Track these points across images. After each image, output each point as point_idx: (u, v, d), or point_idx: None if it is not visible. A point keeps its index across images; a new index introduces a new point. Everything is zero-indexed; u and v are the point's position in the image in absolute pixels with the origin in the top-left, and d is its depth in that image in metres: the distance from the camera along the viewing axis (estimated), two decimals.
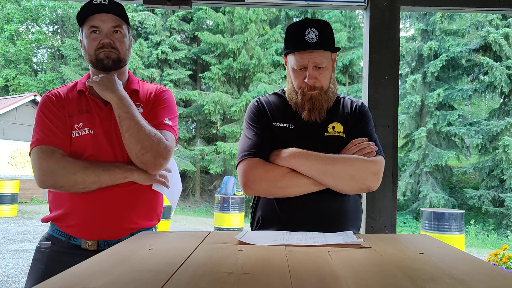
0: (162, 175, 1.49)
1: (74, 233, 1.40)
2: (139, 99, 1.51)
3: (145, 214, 1.49)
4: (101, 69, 1.44)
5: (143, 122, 1.39)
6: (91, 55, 1.44)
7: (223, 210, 8.00)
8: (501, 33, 13.00)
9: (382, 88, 2.10)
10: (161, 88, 1.58)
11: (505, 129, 12.84)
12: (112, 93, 1.38)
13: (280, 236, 1.20)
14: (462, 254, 1.02)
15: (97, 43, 1.42)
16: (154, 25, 16.69)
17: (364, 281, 0.78)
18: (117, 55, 1.44)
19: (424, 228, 5.81)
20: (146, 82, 1.60)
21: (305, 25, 1.37)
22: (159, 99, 1.53)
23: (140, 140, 1.35)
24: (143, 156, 1.36)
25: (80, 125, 1.41)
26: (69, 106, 1.44)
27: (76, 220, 1.39)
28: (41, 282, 0.73)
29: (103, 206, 1.39)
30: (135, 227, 1.45)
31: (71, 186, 1.34)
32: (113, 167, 1.38)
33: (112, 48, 1.43)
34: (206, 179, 17.63)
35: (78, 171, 1.33)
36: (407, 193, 13.96)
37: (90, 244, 1.39)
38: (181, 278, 0.78)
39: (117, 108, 1.37)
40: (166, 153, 1.40)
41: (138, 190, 1.44)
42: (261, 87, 15.15)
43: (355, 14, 17.66)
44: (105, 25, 1.42)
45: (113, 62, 1.44)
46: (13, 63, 19.01)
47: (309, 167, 1.33)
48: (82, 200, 1.38)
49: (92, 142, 1.40)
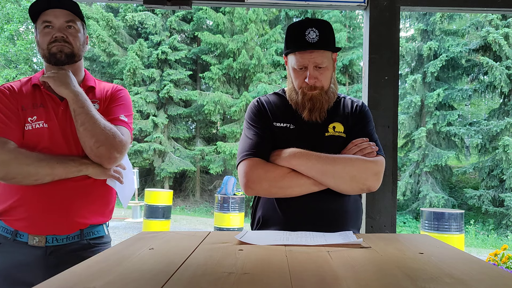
0: (116, 171, 1.48)
1: (21, 227, 1.38)
2: (95, 96, 1.51)
3: (97, 210, 1.49)
4: (54, 63, 1.44)
5: (98, 116, 1.40)
6: (44, 50, 1.44)
7: (223, 210, 8.00)
8: (501, 33, 12.99)
9: (382, 88, 2.10)
10: (118, 87, 1.60)
11: (505, 129, 12.83)
12: (67, 89, 1.39)
13: (280, 236, 1.20)
14: (462, 254, 1.02)
15: (50, 37, 1.42)
16: (154, 25, 16.67)
17: (364, 281, 0.78)
18: (71, 50, 1.45)
19: (424, 228, 5.80)
20: (102, 81, 1.62)
21: (306, 25, 1.37)
22: (115, 97, 1.55)
23: (95, 133, 1.36)
24: (97, 149, 1.37)
25: (34, 118, 1.40)
26: (22, 100, 1.43)
27: (24, 214, 1.37)
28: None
29: (55, 199, 1.38)
30: (86, 223, 1.44)
31: (23, 177, 1.32)
32: (68, 160, 1.38)
33: (65, 42, 1.43)
34: (206, 179, 17.62)
35: (31, 163, 1.32)
36: (407, 193, 13.95)
37: (38, 240, 1.38)
38: (181, 278, 0.78)
39: (73, 103, 1.38)
40: (121, 147, 1.41)
41: (91, 185, 1.44)
42: (261, 87, 15.14)
43: (355, 14, 17.65)
44: (58, 20, 1.43)
45: (66, 56, 1.44)
46: (13, 63, 19.00)
47: (309, 167, 1.33)
48: (32, 193, 1.37)
49: (46, 136, 1.40)
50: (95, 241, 1.48)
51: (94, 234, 1.48)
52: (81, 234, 1.43)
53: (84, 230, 1.44)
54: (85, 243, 1.44)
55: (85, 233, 1.44)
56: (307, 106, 1.41)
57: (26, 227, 1.37)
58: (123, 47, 17.20)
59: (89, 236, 1.46)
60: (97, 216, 1.48)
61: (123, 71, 16.34)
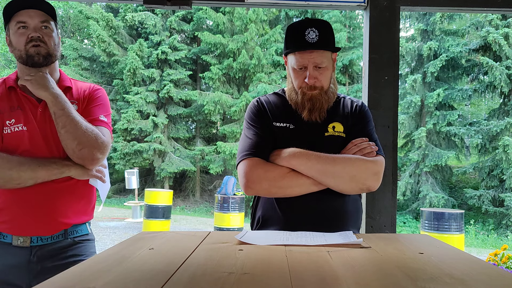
0: (98, 170, 1.50)
1: (4, 229, 1.39)
2: (73, 97, 1.51)
3: (80, 210, 1.50)
4: (31, 65, 1.43)
5: (79, 118, 1.40)
6: (20, 51, 1.42)
7: (223, 210, 8.00)
8: (500, 33, 12.98)
9: (382, 88, 2.10)
10: (95, 87, 1.59)
11: (505, 129, 12.83)
12: (46, 91, 1.38)
13: (280, 236, 1.20)
14: (462, 254, 1.02)
15: (26, 37, 1.41)
16: (154, 25, 16.67)
17: (364, 281, 0.78)
18: (47, 50, 1.43)
19: (424, 228, 5.80)
20: (78, 81, 1.61)
21: (306, 25, 1.37)
22: (93, 97, 1.54)
23: (77, 136, 1.36)
24: (80, 151, 1.37)
25: (12, 122, 1.40)
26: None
27: (8, 216, 1.38)
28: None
29: (38, 201, 1.38)
30: (69, 223, 1.46)
31: (6, 182, 1.33)
32: (49, 162, 1.38)
33: (41, 41, 1.42)
34: (206, 179, 17.62)
35: (13, 167, 1.32)
36: (407, 193, 13.95)
37: (22, 241, 1.38)
38: (181, 278, 0.78)
39: (52, 105, 1.38)
40: (103, 148, 1.43)
41: (74, 185, 1.45)
42: (261, 87, 15.14)
43: (355, 14, 17.65)
44: (33, 20, 1.41)
45: (43, 58, 1.43)
46: (13, 63, 18.98)
47: (309, 167, 1.33)
48: (15, 196, 1.37)
49: (26, 138, 1.39)
50: (80, 238, 1.50)
51: (78, 232, 1.50)
52: (65, 233, 1.45)
53: (68, 229, 1.46)
54: (70, 241, 1.46)
55: (69, 232, 1.46)
56: (307, 106, 1.41)
57: (10, 228, 1.39)
58: (123, 47, 17.20)
59: (73, 235, 1.48)
60: (80, 215, 1.50)
61: (123, 71, 16.34)
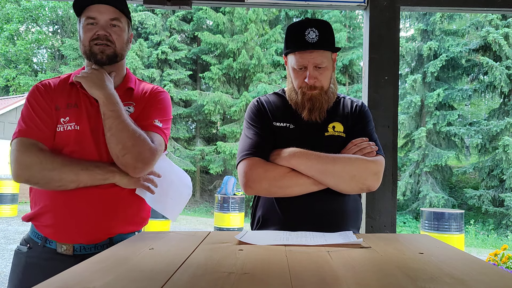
0: (148, 179, 1.37)
1: (49, 234, 1.33)
2: (132, 98, 1.43)
3: (126, 219, 1.40)
4: (94, 63, 1.38)
5: (128, 121, 1.30)
6: (85, 46, 1.36)
7: (223, 210, 8.00)
8: (500, 33, 12.99)
9: (382, 88, 2.10)
10: (157, 89, 1.50)
11: (505, 129, 12.83)
12: (99, 90, 1.31)
13: (280, 236, 1.20)
14: (462, 254, 1.02)
15: (92, 34, 1.35)
16: (154, 25, 16.68)
17: (364, 281, 0.78)
18: (113, 50, 1.37)
19: (424, 228, 5.80)
20: (144, 82, 1.53)
21: (306, 25, 1.37)
22: (153, 99, 1.45)
23: (121, 139, 1.27)
24: (123, 157, 1.27)
25: (67, 119, 1.33)
26: (58, 99, 1.36)
27: (52, 220, 1.32)
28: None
29: (81, 207, 1.31)
30: (114, 232, 1.36)
31: (46, 182, 1.26)
32: (93, 166, 1.29)
33: (108, 41, 1.35)
34: (206, 179, 17.62)
35: (55, 168, 1.25)
36: (407, 193, 13.95)
37: (65, 249, 1.31)
38: (181, 278, 0.78)
39: (103, 105, 1.30)
40: (150, 156, 1.30)
41: (120, 193, 1.35)
42: (261, 87, 15.14)
43: (355, 14, 17.65)
44: (102, 17, 1.35)
45: (107, 58, 1.37)
46: (13, 63, 18.99)
47: (309, 166, 1.33)
48: (59, 199, 1.30)
49: (76, 138, 1.32)
50: None
51: None
52: (110, 244, 1.35)
53: (114, 238, 1.36)
54: None
55: (114, 242, 1.35)
56: (307, 106, 1.42)
57: (54, 234, 1.32)
58: None
59: None
60: (126, 225, 1.40)
61: None
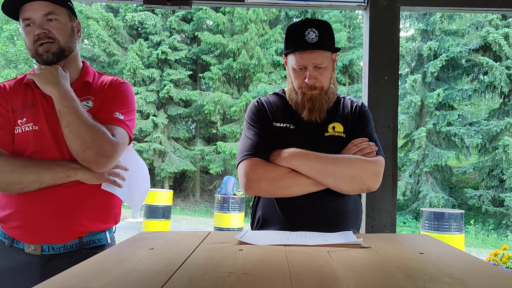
0: (113, 173, 1.34)
1: (17, 236, 1.31)
2: (90, 92, 1.39)
3: (97, 216, 1.38)
4: (42, 63, 1.33)
5: (86, 116, 1.27)
6: (31, 50, 1.32)
7: (223, 210, 8.00)
8: (501, 33, 12.98)
9: (382, 88, 2.10)
10: (117, 80, 1.44)
11: (505, 129, 12.82)
12: (52, 87, 1.27)
13: (280, 236, 1.20)
14: (462, 254, 1.02)
15: (33, 36, 1.30)
16: (154, 25, 16.67)
17: (364, 281, 0.78)
18: (58, 46, 1.32)
19: (424, 228, 5.80)
20: (105, 75, 1.48)
21: (305, 25, 1.37)
22: (113, 91, 1.40)
23: (80, 135, 1.24)
24: (84, 153, 1.24)
25: (24, 121, 1.31)
26: (14, 100, 1.34)
27: (19, 222, 1.30)
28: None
29: (47, 207, 1.29)
30: (84, 230, 1.34)
31: (8, 186, 1.25)
32: (55, 165, 1.26)
33: (49, 38, 1.30)
34: (206, 179, 17.62)
35: (14, 170, 1.23)
36: (407, 193, 13.95)
37: (33, 249, 1.30)
38: (181, 278, 0.78)
39: (58, 102, 1.27)
40: (112, 150, 1.27)
41: (86, 190, 1.32)
42: (261, 87, 15.14)
43: (355, 14, 17.64)
44: (37, 14, 1.29)
45: (54, 55, 1.32)
46: (13, 63, 18.98)
47: (309, 167, 1.33)
48: (25, 201, 1.29)
49: (35, 139, 1.30)
50: (96, 250, 1.35)
51: (96, 242, 1.38)
52: (80, 243, 1.34)
53: (84, 238, 1.35)
54: (84, 253, 1.33)
55: (84, 241, 1.35)
56: (307, 106, 1.42)
57: (21, 235, 1.31)
58: (123, 47, 17.19)
59: (89, 245, 1.36)
60: (97, 223, 1.38)
61: (123, 71, 16.33)
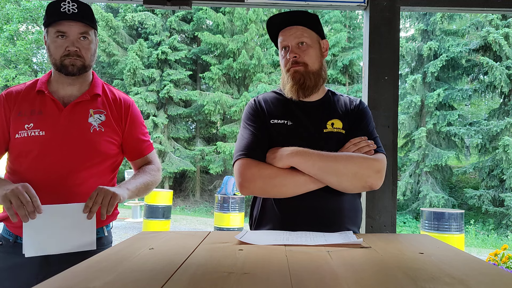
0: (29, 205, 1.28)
1: (20, 233, 1.38)
2: (101, 105, 1.52)
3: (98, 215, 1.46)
4: (65, 74, 1.45)
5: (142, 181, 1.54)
6: (56, 60, 1.44)
7: (223, 210, 8.00)
8: (501, 33, 12.98)
9: (382, 88, 2.09)
10: (130, 100, 1.62)
11: (505, 129, 12.82)
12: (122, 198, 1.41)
13: (280, 236, 1.20)
14: (462, 254, 1.02)
15: (63, 50, 1.42)
16: (154, 25, 16.67)
17: (364, 281, 0.78)
18: (82, 63, 1.45)
19: (424, 228, 5.80)
20: (110, 86, 1.61)
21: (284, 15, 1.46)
22: (134, 115, 1.60)
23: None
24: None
25: (31, 126, 1.42)
26: (21, 105, 1.45)
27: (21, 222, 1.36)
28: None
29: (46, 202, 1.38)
30: None
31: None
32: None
33: (78, 56, 1.44)
34: (206, 179, 17.62)
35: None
36: (407, 193, 13.95)
37: None
38: (181, 278, 0.78)
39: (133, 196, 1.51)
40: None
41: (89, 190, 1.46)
42: (261, 87, 15.13)
43: (355, 14, 17.64)
44: (72, 32, 1.42)
45: (78, 70, 1.45)
46: (13, 63, 18.97)
47: (311, 165, 1.32)
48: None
49: (41, 143, 1.41)
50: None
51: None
52: None
53: None
54: None
55: None
56: (290, 82, 1.43)
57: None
58: (123, 47, 17.20)
59: None
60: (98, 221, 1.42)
61: (123, 71, 16.34)
